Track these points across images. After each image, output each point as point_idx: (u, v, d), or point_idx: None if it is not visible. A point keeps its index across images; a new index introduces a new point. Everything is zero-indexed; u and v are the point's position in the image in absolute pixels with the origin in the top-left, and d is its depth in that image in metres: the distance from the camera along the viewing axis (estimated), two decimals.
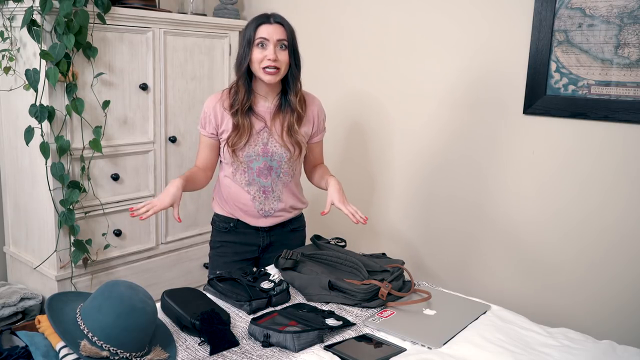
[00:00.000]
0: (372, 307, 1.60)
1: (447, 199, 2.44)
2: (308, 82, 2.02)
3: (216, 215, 2.02)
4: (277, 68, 1.77)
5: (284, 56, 1.78)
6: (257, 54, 1.77)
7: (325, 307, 1.59)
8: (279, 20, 1.80)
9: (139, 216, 1.66)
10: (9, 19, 2.23)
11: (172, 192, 1.72)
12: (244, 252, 1.99)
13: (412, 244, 2.58)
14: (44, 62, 2.11)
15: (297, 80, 1.86)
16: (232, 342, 1.35)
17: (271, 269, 1.82)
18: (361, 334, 1.45)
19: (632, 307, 2.00)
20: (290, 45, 1.80)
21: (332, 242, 1.92)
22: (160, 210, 1.70)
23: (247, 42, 1.79)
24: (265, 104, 1.88)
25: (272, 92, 1.87)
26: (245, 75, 1.82)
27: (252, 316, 1.51)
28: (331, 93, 2.70)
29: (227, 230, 1.98)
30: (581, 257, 2.10)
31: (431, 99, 2.44)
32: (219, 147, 1.92)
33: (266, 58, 1.76)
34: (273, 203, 1.93)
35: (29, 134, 2.16)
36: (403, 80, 2.51)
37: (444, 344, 1.41)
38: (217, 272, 1.98)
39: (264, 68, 1.77)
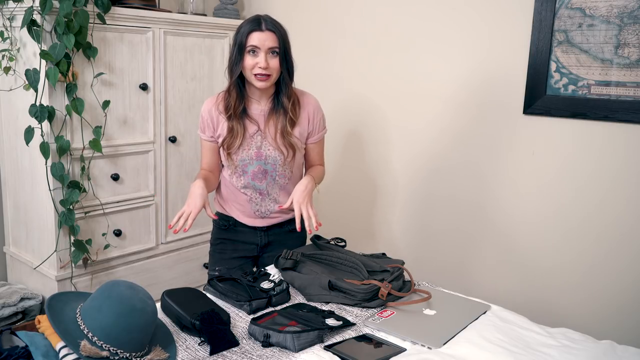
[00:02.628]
0: (372, 307, 1.60)
1: (447, 199, 2.44)
2: (307, 83, 2.02)
3: (216, 213, 2.03)
4: (268, 75, 1.77)
5: (275, 63, 1.77)
6: (248, 60, 1.77)
7: (325, 307, 1.59)
8: (271, 27, 1.77)
9: (183, 229, 1.70)
10: (9, 19, 2.23)
11: (198, 193, 1.76)
12: (243, 249, 2.00)
13: (412, 244, 2.58)
14: (44, 62, 2.11)
15: (289, 84, 1.85)
16: (232, 342, 1.35)
17: (271, 269, 1.82)
18: (361, 334, 1.45)
19: (632, 307, 2.00)
20: (282, 51, 1.78)
21: (332, 242, 1.92)
22: (197, 214, 1.73)
23: (239, 48, 1.78)
24: (258, 107, 1.88)
25: (265, 95, 1.87)
26: (238, 79, 1.82)
27: (252, 316, 1.51)
28: (330, 94, 2.70)
29: (226, 228, 1.99)
30: (581, 257, 2.10)
31: (430, 99, 2.44)
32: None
33: (257, 65, 1.76)
34: (269, 205, 1.93)
35: (29, 134, 2.16)
36: (402, 80, 2.51)
37: (444, 344, 1.41)
38: (217, 268, 1.99)
39: (255, 74, 1.77)
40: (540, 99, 2.13)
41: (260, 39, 1.75)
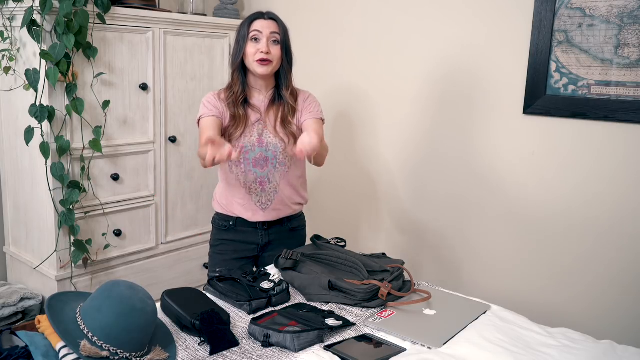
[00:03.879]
0: (372, 307, 1.60)
1: (447, 199, 2.44)
2: (302, 78, 2.04)
3: (216, 214, 2.04)
4: (270, 61, 1.83)
5: (276, 51, 1.85)
6: (250, 47, 1.84)
7: (325, 307, 1.59)
8: (273, 17, 1.88)
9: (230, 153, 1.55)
10: (9, 19, 2.23)
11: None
12: (243, 250, 2.00)
13: (412, 244, 2.58)
14: (44, 62, 2.11)
15: (289, 75, 1.92)
16: (232, 342, 1.35)
17: (271, 269, 1.82)
18: (361, 334, 1.45)
19: (632, 307, 2.00)
20: (283, 41, 1.87)
21: (332, 242, 1.92)
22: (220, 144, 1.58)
23: (242, 37, 1.86)
24: (259, 97, 1.93)
25: (266, 86, 1.92)
26: (240, 68, 1.89)
27: (252, 316, 1.51)
28: (330, 93, 2.70)
29: (226, 228, 1.99)
30: (581, 257, 2.10)
31: (430, 99, 2.44)
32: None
33: (259, 51, 1.82)
34: (270, 194, 1.94)
35: (29, 134, 2.16)
36: (401, 79, 2.51)
37: (444, 344, 1.41)
38: (217, 269, 2.00)
39: (257, 60, 1.83)
40: (540, 99, 2.12)
41: (262, 25, 1.84)
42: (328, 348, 1.36)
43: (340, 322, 1.46)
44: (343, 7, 2.67)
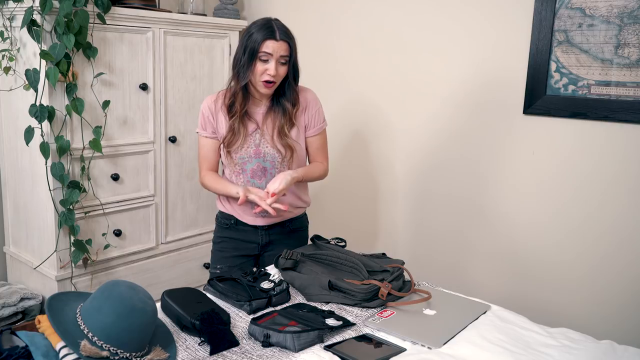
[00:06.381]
0: (372, 307, 1.60)
1: (447, 199, 2.44)
2: (307, 83, 2.03)
3: (219, 212, 2.05)
4: (274, 82, 1.82)
5: (283, 71, 1.82)
6: (259, 66, 1.79)
7: (325, 307, 1.59)
8: (284, 37, 1.79)
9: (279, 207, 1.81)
10: (9, 19, 2.23)
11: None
12: (244, 248, 2.01)
13: (412, 244, 2.58)
14: (44, 62, 2.11)
15: (294, 89, 1.89)
16: (232, 342, 1.35)
17: (271, 269, 1.82)
18: (361, 334, 1.45)
19: (632, 307, 2.00)
20: (292, 60, 1.83)
21: (332, 242, 1.92)
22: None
23: (250, 53, 1.78)
24: (258, 107, 1.91)
25: (266, 95, 1.90)
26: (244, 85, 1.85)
27: (252, 316, 1.51)
28: (331, 94, 2.70)
29: (227, 226, 2.00)
30: (581, 257, 2.10)
31: (430, 99, 2.44)
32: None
33: (266, 72, 1.79)
34: None
35: (29, 134, 2.16)
36: (402, 80, 2.51)
37: (444, 344, 1.41)
38: (218, 266, 2.00)
39: (263, 81, 1.80)
40: (540, 99, 2.13)
41: (274, 48, 1.78)
42: (328, 348, 1.36)
43: (340, 322, 1.46)
44: (343, 8, 2.67)
